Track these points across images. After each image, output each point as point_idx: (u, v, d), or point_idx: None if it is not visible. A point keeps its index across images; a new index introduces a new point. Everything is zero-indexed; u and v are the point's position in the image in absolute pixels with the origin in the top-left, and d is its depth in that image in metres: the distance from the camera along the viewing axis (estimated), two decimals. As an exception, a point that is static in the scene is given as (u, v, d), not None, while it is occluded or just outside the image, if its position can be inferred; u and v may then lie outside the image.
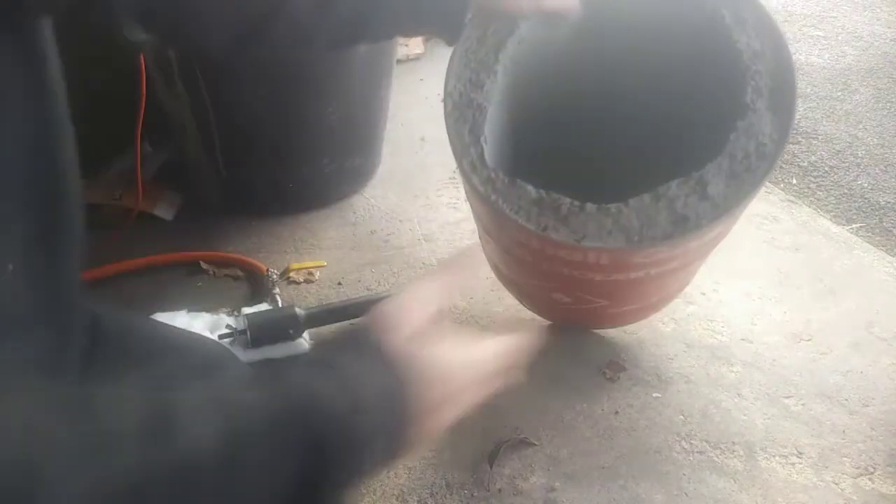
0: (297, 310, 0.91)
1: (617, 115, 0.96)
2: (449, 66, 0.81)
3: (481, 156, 0.78)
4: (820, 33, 1.92)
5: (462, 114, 0.80)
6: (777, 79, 0.75)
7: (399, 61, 1.61)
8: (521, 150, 0.92)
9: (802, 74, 1.71)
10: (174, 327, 0.67)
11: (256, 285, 1.05)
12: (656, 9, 0.84)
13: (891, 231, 1.18)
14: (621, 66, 0.92)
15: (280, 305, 0.96)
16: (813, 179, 1.33)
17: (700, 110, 0.88)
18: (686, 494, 0.75)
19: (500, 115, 0.85)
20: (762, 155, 0.73)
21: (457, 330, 0.46)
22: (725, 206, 0.73)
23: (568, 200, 0.75)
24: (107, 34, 1.02)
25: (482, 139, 0.78)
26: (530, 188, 0.76)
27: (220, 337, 0.89)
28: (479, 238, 0.93)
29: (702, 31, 0.80)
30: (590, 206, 0.74)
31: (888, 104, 1.57)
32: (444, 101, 0.80)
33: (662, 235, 0.73)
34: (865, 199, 1.26)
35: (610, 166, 0.97)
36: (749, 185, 0.73)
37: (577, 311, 0.96)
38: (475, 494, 0.75)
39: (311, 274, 1.08)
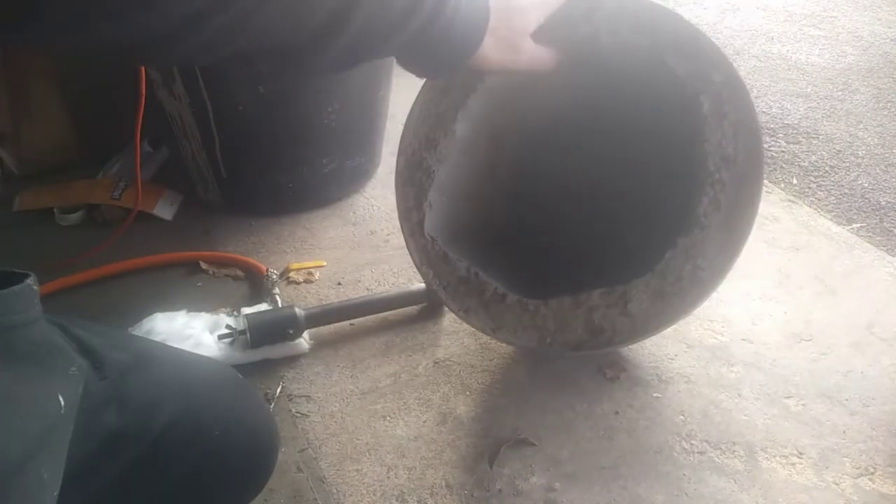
0: (297, 310, 0.91)
1: (586, 170, 0.91)
2: (409, 116, 0.77)
3: (421, 223, 0.76)
4: (820, 33, 1.92)
5: (411, 175, 0.77)
6: (742, 192, 0.64)
7: (399, 61, 1.61)
8: (502, 173, 0.89)
9: (803, 74, 1.71)
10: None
11: (256, 285, 1.05)
12: (632, 78, 0.75)
13: (891, 231, 1.18)
14: (590, 121, 0.87)
15: (280, 305, 0.96)
16: (813, 179, 1.32)
17: (660, 195, 0.82)
18: (686, 495, 0.75)
19: (477, 144, 0.82)
20: (696, 280, 0.66)
21: None
22: (645, 327, 0.68)
23: (493, 286, 0.73)
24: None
25: (426, 204, 0.76)
26: (461, 265, 0.75)
27: (220, 337, 0.89)
28: None
29: (675, 114, 0.70)
30: (510, 298, 0.72)
31: (889, 104, 1.57)
32: (398, 157, 0.78)
33: (575, 343, 0.70)
34: (866, 199, 1.26)
35: (579, 216, 0.94)
36: (674, 310, 0.67)
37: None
38: (475, 495, 0.75)
39: (310, 274, 1.08)
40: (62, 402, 0.45)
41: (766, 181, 0.67)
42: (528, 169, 0.92)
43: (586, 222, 0.94)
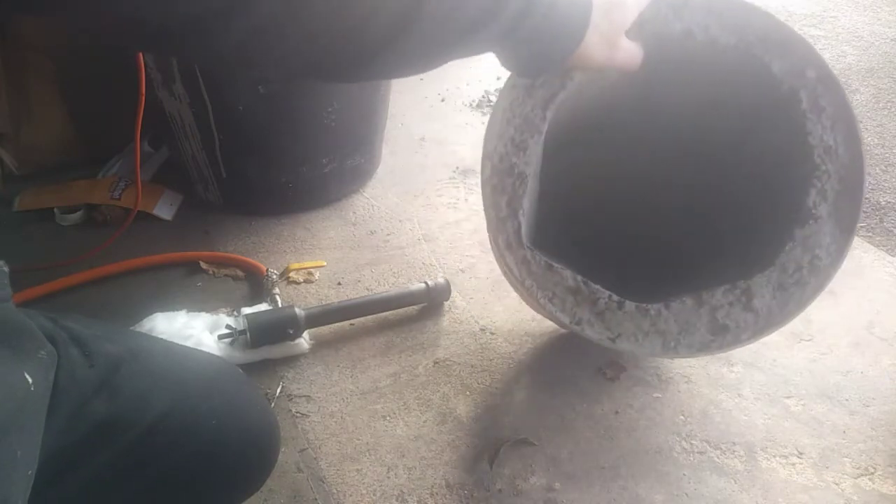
0: (297, 310, 0.91)
1: (664, 172, 0.90)
2: (490, 121, 0.72)
3: (518, 232, 0.70)
4: (820, 33, 1.92)
5: (501, 182, 0.70)
6: (846, 182, 0.68)
7: (399, 61, 1.61)
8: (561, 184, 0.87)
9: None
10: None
11: (256, 285, 1.05)
12: (724, 76, 0.74)
13: (891, 231, 1.18)
14: (674, 127, 0.86)
15: (280, 305, 0.96)
16: (813, 179, 1.32)
17: (754, 194, 0.82)
18: (686, 495, 0.75)
19: (561, 144, 0.80)
20: (815, 269, 0.68)
21: None
22: (769, 321, 0.69)
23: (606, 294, 0.70)
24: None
25: (520, 213, 0.70)
26: (568, 274, 0.70)
27: (220, 337, 0.89)
28: None
29: (772, 112, 0.72)
30: (629, 305, 0.69)
31: (888, 104, 1.57)
32: (483, 163, 0.71)
33: (700, 344, 0.69)
34: (866, 199, 1.26)
35: (652, 224, 0.93)
36: (796, 301, 0.69)
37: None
38: (475, 495, 0.75)
39: (310, 274, 1.08)
40: (30, 381, 0.44)
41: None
42: (610, 168, 0.90)
43: (669, 222, 0.93)
